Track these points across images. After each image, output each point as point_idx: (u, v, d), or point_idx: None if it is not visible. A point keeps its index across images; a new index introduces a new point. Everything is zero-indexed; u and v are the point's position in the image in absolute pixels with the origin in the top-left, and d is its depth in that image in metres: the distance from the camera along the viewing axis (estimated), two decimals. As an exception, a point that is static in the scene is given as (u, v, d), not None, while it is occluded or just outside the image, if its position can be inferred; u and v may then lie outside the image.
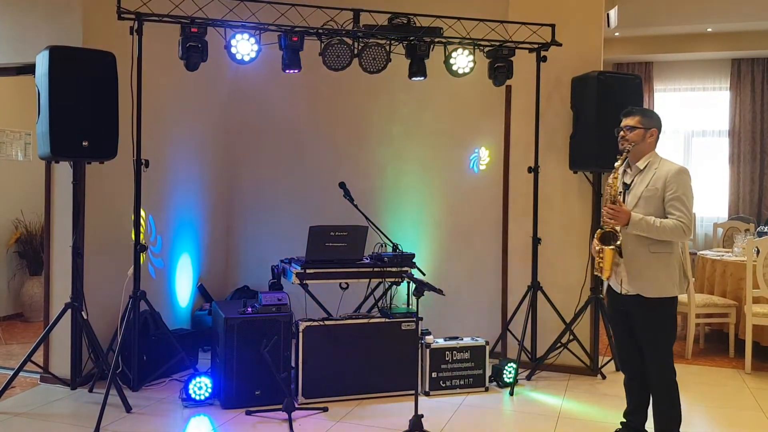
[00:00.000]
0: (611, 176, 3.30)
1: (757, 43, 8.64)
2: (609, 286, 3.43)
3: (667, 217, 3.17)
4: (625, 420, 3.53)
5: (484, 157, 5.38)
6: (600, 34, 4.94)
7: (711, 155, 9.07)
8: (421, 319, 4.37)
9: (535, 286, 4.84)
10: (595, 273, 3.43)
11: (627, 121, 3.34)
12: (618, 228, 3.24)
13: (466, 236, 5.47)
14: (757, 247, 5.00)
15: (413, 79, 4.65)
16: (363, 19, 4.40)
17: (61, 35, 4.37)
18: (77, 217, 4.21)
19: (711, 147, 9.17)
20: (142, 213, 4.68)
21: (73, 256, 4.17)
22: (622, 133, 3.33)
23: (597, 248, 3.32)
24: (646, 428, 3.48)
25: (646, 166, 3.30)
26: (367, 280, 4.50)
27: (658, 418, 3.32)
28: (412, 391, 4.23)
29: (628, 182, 3.35)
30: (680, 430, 3.32)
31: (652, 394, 3.35)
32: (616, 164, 3.32)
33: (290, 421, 3.77)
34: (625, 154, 3.30)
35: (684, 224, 3.14)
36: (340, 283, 4.61)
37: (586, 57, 4.89)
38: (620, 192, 3.33)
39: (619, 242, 3.24)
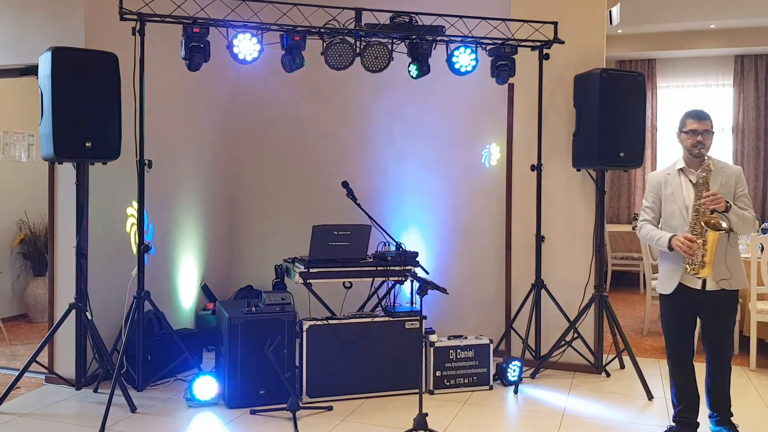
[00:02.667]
0: (702, 171, 3.35)
1: (760, 39, 8.62)
2: (680, 285, 3.38)
3: None
4: (685, 417, 3.53)
5: (495, 153, 5.37)
6: (602, 31, 4.93)
7: (714, 152, 9.01)
8: (425, 317, 4.36)
9: (538, 284, 4.83)
10: (690, 273, 3.33)
11: (706, 125, 3.42)
12: (717, 216, 3.28)
13: (470, 235, 5.47)
14: (761, 244, 4.99)
15: (415, 78, 4.64)
16: (365, 18, 4.40)
17: (64, 36, 4.38)
18: (81, 217, 4.21)
19: (714, 144, 9.13)
20: (134, 204, 4.69)
21: (77, 257, 4.18)
22: (700, 137, 3.38)
23: (700, 240, 3.26)
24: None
25: (713, 167, 3.41)
26: (371, 279, 4.50)
27: (722, 399, 3.47)
28: (416, 390, 4.24)
29: (695, 181, 3.40)
30: None
31: (718, 379, 3.45)
32: (708, 156, 3.38)
33: (295, 420, 3.77)
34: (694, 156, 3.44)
35: (755, 218, 3.26)
36: (344, 282, 4.61)
37: (589, 54, 4.88)
38: (696, 191, 3.39)
39: (725, 225, 3.23)
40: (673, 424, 3.59)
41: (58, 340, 4.46)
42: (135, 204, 4.69)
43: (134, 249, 4.71)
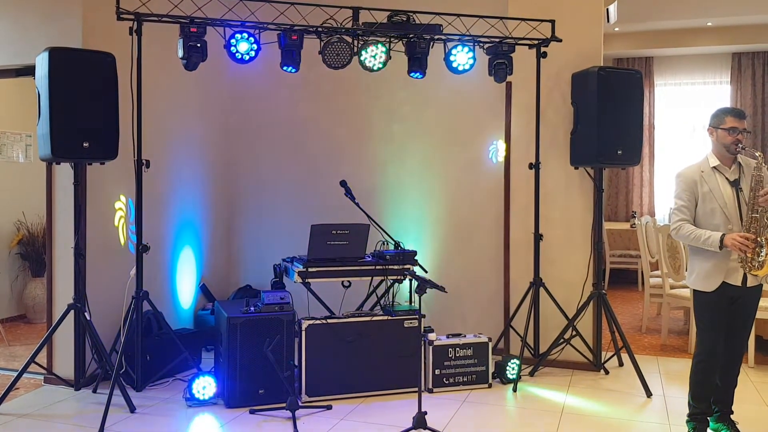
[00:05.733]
0: (755, 170, 3.31)
1: (757, 36, 8.63)
2: (723, 283, 3.37)
3: None
4: (703, 415, 3.52)
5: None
6: (600, 29, 4.94)
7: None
8: (424, 316, 4.37)
9: (537, 283, 4.84)
10: (750, 272, 3.31)
11: (744, 124, 3.45)
12: None
13: (468, 233, 5.47)
14: None
15: (413, 76, 4.64)
16: (362, 17, 4.40)
17: (61, 36, 4.37)
18: (78, 218, 4.21)
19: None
20: (122, 197, 4.69)
21: (75, 257, 4.18)
22: (740, 136, 3.39)
23: (762, 239, 3.25)
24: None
25: (741, 162, 3.46)
26: (369, 278, 4.50)
27: (727, 395, 3.57)
28: (416, 388, 4.24)
29: (731, 179, 3.41)
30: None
31: (729, 374, 3.53)
32: (759, 153, 3.36)
33: (294, 419, 3.78)
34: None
35: None
36: (343, 282, 4.61)
37: (586, 52, 4.88)
38: (732, 188, 3.39)
39: None
40: (693, 422, 3.53)
41: (57, 340, 4.45)
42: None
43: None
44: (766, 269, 3.27)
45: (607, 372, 4.85)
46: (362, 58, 4.35)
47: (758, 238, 3.26)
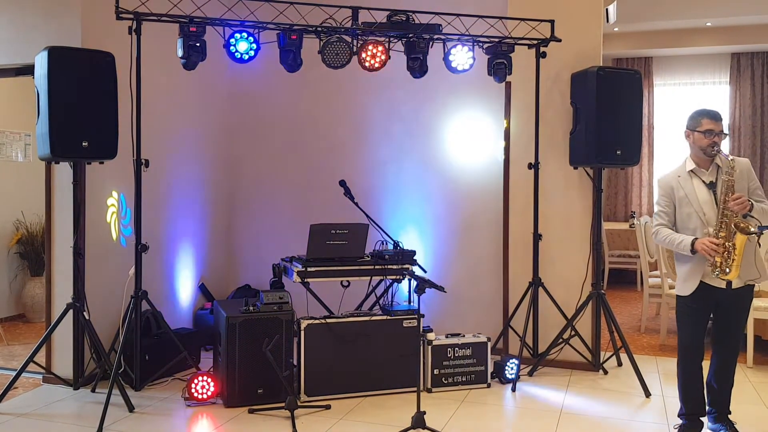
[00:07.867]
0: (726, 174, 3.28)
1: (756, 37, 8.64)
2: (701, 284, 3.37)
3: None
4: (693, 414, 3.54)
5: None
6: (599, 29, 4.94)
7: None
8: (423, 316, 4.37)
9: (536, 282, 4.84)
10: (718, 276, 3.29)
11: (720, 126, 3.39)
12: (747, 220, 3.27)
13: (467, 233, 5.48)
14: (758, 243, 4.99)
15: (413, 76, 4.64)
16: (362, 17, 4.40)
17: (60, 35, 4.37)
18: (78, 217, 4.21)
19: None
20: (114, 194, 4.68)
21: (74, 257, 4.18)
22: (716, 138, 3.36)
23: (729, 243, 3.23)
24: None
25: (719, 165, 3.41)
26: (369, 277, 4.50)
27: (724, 396, 3.54)
28: (414, 388, 4.24)
29: (708, 181, 3.39)
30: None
31: (723, 375, 3.49)
32: (731, 157, 3.33)
33: (293, 418, 3.78)
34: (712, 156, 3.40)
35: None
36: (342, 281, 4.61)
37: (586, 52, 4.88)
38: (709, 191, 3.37)
39: (753, 229, 3.22)
40: (682, 422, 3.57)
41: (56, 340, 4.45)
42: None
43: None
44: (734, 273, 3.26)
45: (605, 372, 4.85)
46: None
47: (726, 243, 3.24)
